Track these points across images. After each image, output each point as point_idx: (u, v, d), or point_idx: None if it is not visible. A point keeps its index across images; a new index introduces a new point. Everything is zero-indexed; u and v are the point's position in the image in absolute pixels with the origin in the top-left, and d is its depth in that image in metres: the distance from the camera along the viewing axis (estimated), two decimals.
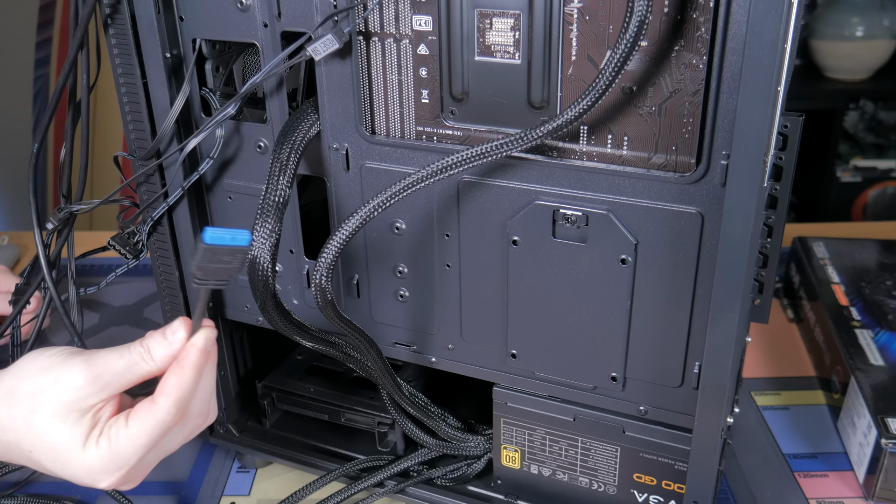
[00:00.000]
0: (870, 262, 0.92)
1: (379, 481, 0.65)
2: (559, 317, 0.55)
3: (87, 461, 0.48)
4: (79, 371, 0.48)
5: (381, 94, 0.53)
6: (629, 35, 0.42)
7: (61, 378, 0.48)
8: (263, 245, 0.51)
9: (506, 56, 0.49)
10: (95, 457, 0.48)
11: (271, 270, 0.51)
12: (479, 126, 0.52)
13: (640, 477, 0.59)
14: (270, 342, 0.75)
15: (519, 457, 0.62)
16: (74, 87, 0.58)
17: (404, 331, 0.61)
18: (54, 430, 0.48)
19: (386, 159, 0.55)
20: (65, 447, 0.48)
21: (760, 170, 0.43)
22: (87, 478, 0.49)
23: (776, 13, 0.39)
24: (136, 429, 0.48)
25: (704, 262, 0.49)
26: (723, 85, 0.44)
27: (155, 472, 0.72)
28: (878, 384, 0.71)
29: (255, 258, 0.51)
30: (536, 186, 0.52)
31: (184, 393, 0.49)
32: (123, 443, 0.48)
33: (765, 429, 0.76)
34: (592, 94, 0.44)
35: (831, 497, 0.68)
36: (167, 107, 0.57)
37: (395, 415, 0.64)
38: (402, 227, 0.57)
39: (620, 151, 0.49)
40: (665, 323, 0.52)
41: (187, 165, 0.59)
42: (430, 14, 0.50)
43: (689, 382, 0.53)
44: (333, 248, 0.51)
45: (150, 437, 0.48)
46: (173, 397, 0.49)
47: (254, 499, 0.70)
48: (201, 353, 0.50)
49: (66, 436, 0.48)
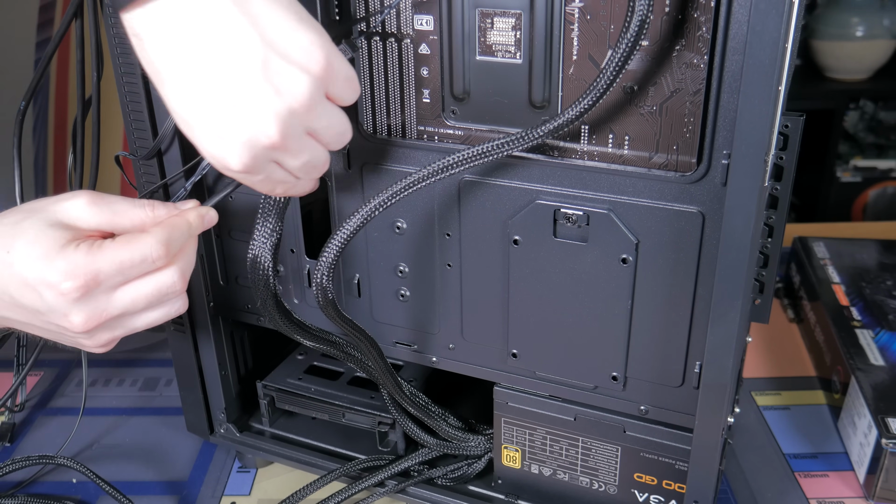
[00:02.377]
0: (870, 262, 0.92)
1: (379, 481, 0.65)
2: (560, 316, 0.55)
3: (62, 261, 0.46)
4: (82, 195, 0.49)
5: (383, 94, 0.53)
6: (630, 34, 0.42)
7: (64, 198, 0.49)
8: (264, 245, 0.51)
9: (507, 55, 0.49)
10: (72, 256, 0.46)
11: (272, 269, 0.51)
12: (480, 125, 0.52)
13: (641, 476, 0.59)
14: (271, 342, 0.75)
15: (519, 456, 0.62)
16: (83, 86, 0.58)
17: (405, 330, 0.61)
18: (42, 232, 0.47)
19: (387, 159, 0.55)
20: (45, 245, 0.47)
21: (761, 169, 0.43)
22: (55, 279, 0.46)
23: (777, 13, 0.39)
24: (119, 245, 0.47)
25: (705, 262, 0.49)
26: (724, 84, 0.44)
27: (155, 472, 0.73)
28: (879, 384, 0.71)
29: (255, 257, 0.51)
30: (537, 186, 0.52)
31: (172, 234, 0.49)
32: (104, 253, 0.47)
33: (765, 429, 0.76)
34: (593, 93, 0.44)
35: (832, 497, 0.68)
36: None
37: (396, 414, 0.64)
38: (403, 227, 0.57)
39: (621, 151, 0.49)
40: (666, 322, 0.52)
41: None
42: (431, 14, 0.50)
43: (689, 382, 0.53)
44: (334, 247, 0.51)
45: (129, 258, 0.47)
46: (162, 234, 0.48)
47: (254, 499, 0.70)
48: (200, 215, 0.51)
49: (51, 237, 0.47)
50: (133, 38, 0.42)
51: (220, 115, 0.42)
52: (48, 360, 0.88)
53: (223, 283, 0.66)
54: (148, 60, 0.42)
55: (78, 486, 0.71)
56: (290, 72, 0.42)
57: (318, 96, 0.44)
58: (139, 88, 0.57)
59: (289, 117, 0.43)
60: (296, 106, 0.42)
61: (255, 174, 0.45)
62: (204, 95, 0.42)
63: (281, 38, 0.41)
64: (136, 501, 0.67)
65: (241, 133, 0.42)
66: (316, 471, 0.68)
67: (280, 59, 0.42)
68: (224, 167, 0.44)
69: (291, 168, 0.46)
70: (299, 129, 0.44)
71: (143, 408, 0.81)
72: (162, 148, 0.58)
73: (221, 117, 0.42)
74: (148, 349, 0.90)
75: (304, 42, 0.42)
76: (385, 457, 0.67)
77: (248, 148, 0.43)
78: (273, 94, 0.42)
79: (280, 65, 0.42)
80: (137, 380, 0.86)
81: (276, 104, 0.42)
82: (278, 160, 0.45)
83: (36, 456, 0.71)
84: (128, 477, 0.72)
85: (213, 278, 0.66)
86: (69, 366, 0.88)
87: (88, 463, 0.69)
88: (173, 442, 0.76)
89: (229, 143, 0.43)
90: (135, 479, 0.72)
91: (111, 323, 0.49)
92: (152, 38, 0.41)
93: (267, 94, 0.42)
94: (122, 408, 0.81)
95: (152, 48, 0.41)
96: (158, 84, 0.43)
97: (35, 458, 0.71)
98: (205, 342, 0.67)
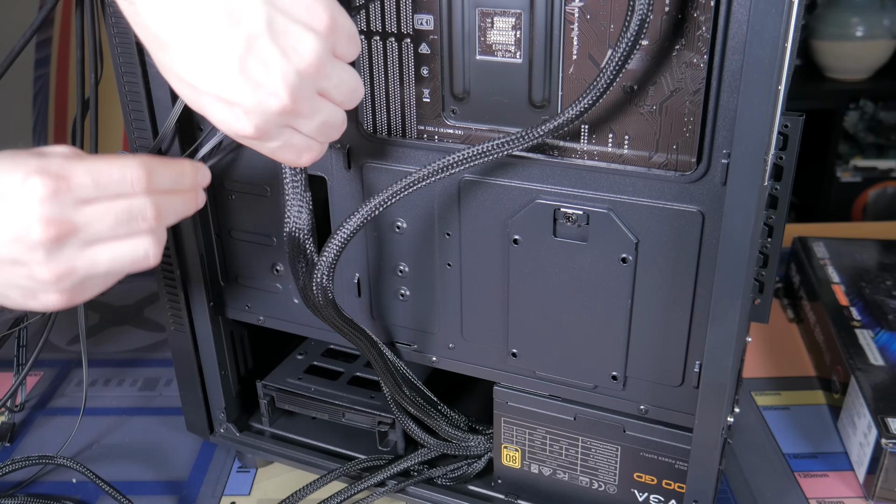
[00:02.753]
0: (870, 262, 0.92)
1: (380, 481, 0.65)
2: (560, 316, 0.55)
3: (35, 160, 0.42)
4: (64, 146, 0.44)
5: (383, 93, 0.53)
6: (630, 34, 0.42)
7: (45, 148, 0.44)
8: (299, 216, 0.52)
9: (507, 55, 0.49)
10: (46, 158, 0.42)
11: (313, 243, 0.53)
12: (480, 125, 0.52)
13: (641, 476, 0.59)
14: (271, 342, 0.75)
15: (519, 456, 0.62)
16: (83, 86, 0.58)
17: (405, 330, 0.61)
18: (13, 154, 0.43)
19: (387, 158, 0.55)
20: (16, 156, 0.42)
21: (761, 169, 0.43)
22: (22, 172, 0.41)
23: (777, 12, 0.39)
24: (99, 158, 0.43)
25: (705, 262, 0.49)
26: (724, 84, 0.44)
27: (155, 472, 0.73)
28: (879, 384, 0.71)
29: (291, 231, 0.53)
30: (537, 185, 0.52)
31: (159, 167, 0.45)
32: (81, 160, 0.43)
33: (765, 429, 0.76)
34: (593, 92, 0.44)
35: (831, 497, 0.68)
36: (168, 105, 0.57)
37: (397, 414, 0.64)
38: (403, 226, 0.57)
39: (621, 150, 0.49)
40: (666, 322, 0.52)
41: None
42: (431, 13, 0.50)
43: (689, 381, 0.53)
44: (334, 247, 0.51)
45: (107, 170, 0.43)
46: (147, 160, 0.44)
47: (254, 498, 0.70)
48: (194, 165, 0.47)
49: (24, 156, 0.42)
50: (124, 3, 0.40)
51: (226, 79, 0.40)
52: (48, 360, 0.88)
53: (223, 282, 0.66)
54: (143, 26, 0.41)
55: (78, 486, 0.71)
56: (296, 31, 0.41)
57: (326, 55, 0.42)
58: (139, 88, 0.57)
59: (298, 79, 0.41)
60: (304, 66, 0.41)
61: (271, 140, 0.44)
62: (207, 59, 0.40)
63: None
64: (136, 501, 0.67)
65: (251, 98, 0.41)
66: (316, 471, 0.68)
67: (285, 19, 0.40)
68: (236, 134, 0.43)
69: (308, 131, 0.45)
70: (310, 90, 0.43)
71: (143, 408, 0.81)
72: (162, 147, 0.58)
73: (228, 82, 0.40)
74: (148, 349, 0.90)
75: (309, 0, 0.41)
76: (385, 457, 0.67)
77: (259, 113, 0.41)
78: (280, 55, 0.40)
79: (285, 24, 0.40)
80: (137, 380, 0.86)
81: (283, 66, 0.41)
82: (293, 124, 0.44)
83: (36, 456, 0.71)
84: (127, 477, 0.72)
85: (213, 278, 0.66)
86: (69, 366, 0.88)
87: (88, 463, 0.69)
88: (173, 442, 0.76)
89: (239, 109, 0.41)
90: (134, 479, 0.72)
91: (72, 241, 0.43)
92: (147, 2, 0.40)
93: (274, 57, 0.40)
94: (122, 408, 0.81)
95: (148, 13, 0.40)
96: (156, 50, 0.41)
97: (35, 459, 0.71)
98: (205, 342, 0.67)
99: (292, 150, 0.45)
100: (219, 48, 0.40)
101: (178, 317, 0.66)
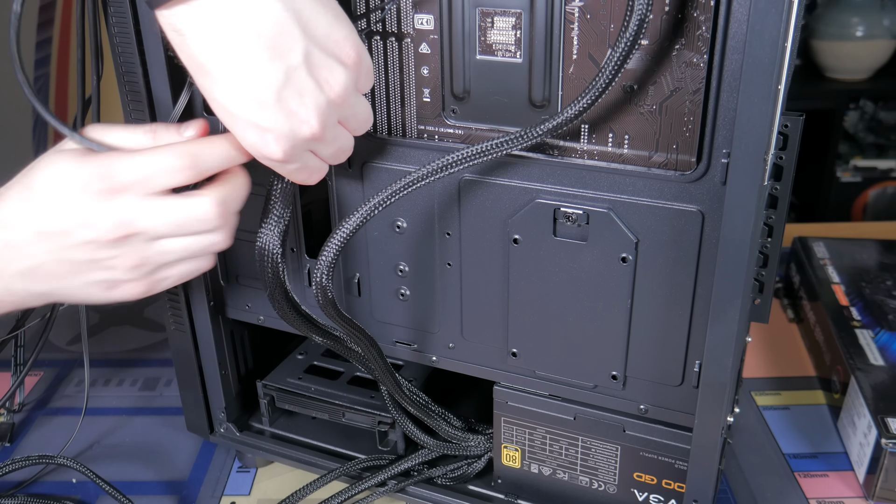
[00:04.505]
0: (870, 262, 0.92)
1: (380, 481, 0.65)
2: (560, 315, 0.55)
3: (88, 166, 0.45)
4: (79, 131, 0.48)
5: (383, 93, 0.53)
6: (630, 33, 0.42)
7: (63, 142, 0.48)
8: (272, 231, 0.51)
9: (507, 55, 0.49)
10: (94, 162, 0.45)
11: (281, 258, 0.51)
12: (480, 124, 0.52)
13: (641, 476, 0.59)
14: (271, 342, 0.75)
15: (519, 456, 0.62)
16: (83, 86, 0.58)
17: (405, 329, 0.61)
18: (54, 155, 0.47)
19: (387, 157, 0.55)
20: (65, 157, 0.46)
21: (761, 168, 0.43)
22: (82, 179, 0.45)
23: (777, 12, 0.39)
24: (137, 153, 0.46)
25: (705, 261, 0.49)
26: (723, 83, 0.44)
27: (155, 472, 0.73)
28: (879, 384, 0.71)
29: (262, 246, 0.51)
30: (537, 185, 0.52)
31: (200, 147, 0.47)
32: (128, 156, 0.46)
33: (765, 429, 0.76)
34: (593, 92, 0.44)
35: (831, 497, 0.68)
36: (170, 106, 0.57)
37: (396, 414, 0.64)
38: (403, 226, 0.57)
39: (621, 150, 0.49)
40: (665, 321, 0.52)
41: None
42: (431, 13, 0.50)
43: (689, 381, 0.53)
44: (334, 246, 0.51)
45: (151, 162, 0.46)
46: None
47: (254, 498, 0.70)
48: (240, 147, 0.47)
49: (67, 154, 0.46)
50: (172, 34, 0.42)
51: (263, 109, 0.43)
52: (48, 360, 0.88)
53: (223, 282, 0.66)
54: (188, 54, 0.43)
55: (78, 486, 0.71)
56: (328, 64, 0.43)
57: (352, 87, 0.45)
58: (140, 87, 0.57)
59: (327, 109, 0.44)
60: (334, 97, 0.44)
61: (291, 163, 0.46)
62: (248, 89, 0.42)
63: (320, 31, 0.43)
64: (136, 501, 0.67)
65: (284, 126, 0.43)
66: (316, 470, 0.68)
67: (320, 52, 0.43)
68: (263, 157, 0.46)
69: (324, 156, 0.48)
70: (334, 119, 0.46)
71: (143, 408, 0.81)
72: None
73: (265, 111, 0.43)
74: (148, 349, 0.90)
75: (340, 36, 0.44)
76: (385, 456, 0.67)
77: (289, 139, 0.44)
78: (314, 87, 0.43)
79: (320, 58, 0.43)
80: (137, 380, 0.86)
81: (317, 97, 0.43)
82: (314, 149, 0.47)
83: (36, 456, 0.71)
84: (127, 477, 0.72)
85: (213, 278, 0.66)
86: (69, 366, 0.88)
87: (88, 463, 0.69)
88: (173, 442, 0.76)
89: (271, 136, 0.44)
90: (134, 479, 0.72)
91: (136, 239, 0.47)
92: (195, 34, 0.41)
93: (309, 88, 0.43)
94: (122, 408, 0.81)
95: (196, 43, 0.42)
96: (199, 75, 0.43)
97: (35, 459, 0.71)
98: (205, 342, 0.67)
99: (306, 172, 0.48)
100: (259, 80, 0.42)
101: (178, 316, 0.66)
